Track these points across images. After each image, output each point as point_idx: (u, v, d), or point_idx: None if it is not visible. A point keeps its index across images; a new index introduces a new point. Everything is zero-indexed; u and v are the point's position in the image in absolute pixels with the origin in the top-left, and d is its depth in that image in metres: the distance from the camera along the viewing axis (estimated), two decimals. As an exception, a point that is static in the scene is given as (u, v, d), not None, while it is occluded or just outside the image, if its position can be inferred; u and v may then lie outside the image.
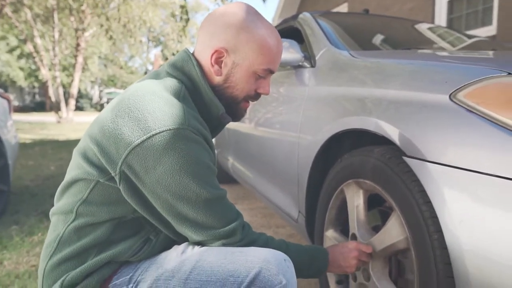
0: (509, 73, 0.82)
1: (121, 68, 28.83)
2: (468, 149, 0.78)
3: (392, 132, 0.98)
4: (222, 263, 0.79)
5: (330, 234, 1.34)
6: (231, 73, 0.93)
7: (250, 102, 1.02)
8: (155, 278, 0.83)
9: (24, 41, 13.97)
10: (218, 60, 0.92)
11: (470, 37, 2.38)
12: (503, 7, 4.10)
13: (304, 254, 0.98)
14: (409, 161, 0.91)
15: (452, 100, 0.86)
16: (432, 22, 5.05)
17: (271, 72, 0.97)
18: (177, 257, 0.85)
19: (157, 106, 0.80)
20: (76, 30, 14.20)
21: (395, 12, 5.68)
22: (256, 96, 1.00)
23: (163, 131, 0.77)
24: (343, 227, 1.33)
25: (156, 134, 0.76)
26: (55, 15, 13.91)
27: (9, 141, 3.00)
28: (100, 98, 35.06)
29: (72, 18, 13.79)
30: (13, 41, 22.26)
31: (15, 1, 10.73)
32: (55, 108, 14.32)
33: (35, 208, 2.93)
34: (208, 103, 0.93)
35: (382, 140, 1.08)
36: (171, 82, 0.88)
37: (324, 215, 1.35)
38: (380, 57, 1.30)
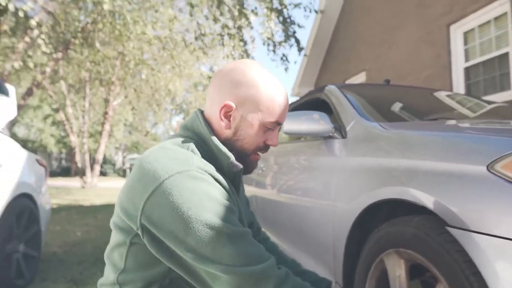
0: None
1: (145, 135, 29.90)
2: (512, 220, 0.80)
3: (431, 202, 1.01)
4: None
5: (370, 306, 1.31)
6: (240, 127, 0.97)
7: (262, 154, 1.04)
8: None
9: (57, 110, 14.82)
10: (227, 115, 0.96)
11: (489, 103, 2.45)
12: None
13: None
14: (452, 231, 0.92)
15: (490, 171, 0.90)
16: (450, 88, 5.19)
17: (279, 124, 1.01)
18: None
19: (164, 155, 0.85)
20: (105, 99, 15.06)
21: (413, 80, 5.87)
22: (265, 147, 1.02)
23: (171, 175, 0.80)
24: (383, 298, 1.31)
25: (165, 179, 0.80)
26: (87, 86, 14.88)
27: (44, 207, 3.10)
28: (123, 163, 35.95)
29: (102, 89, 14.69)
30: (46, 110, 23.76)
31: (53, 74, 11.59)
32: (80, 173, 14.74)
33: (64, 275, 2.93)
34: (217, 153, 0.94)
35: (418, 210, 1.10)
36: (181, 139, 0.95)
37: (364, 286, 1.33)
38: (411, 129, 1.37)
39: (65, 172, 29.35)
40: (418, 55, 5.83)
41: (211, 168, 0.89)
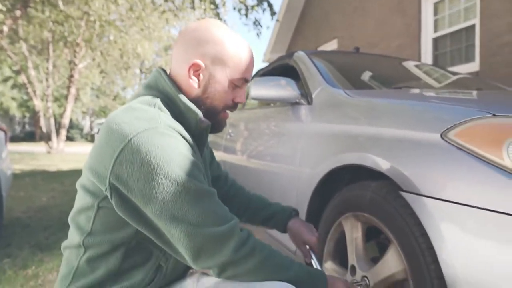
0: (494, 115, 0.90)
1: (114, 99, 28.99)
2: (459, 184, 0.85)
3: (388, 167, 1.05)
4: None
5: (329, 266, 1.37)
6: (209, 84, 0.98)
7: (230, 113, 1.06)
8: None
9: (18, 72, 14.07)
10: (195, 73, 0.97)
11: (454, 74, 2.52)
12: (484, 44, 4.33)
13: (306, 273, 0.95)
14: (405, 195, 0.97)
15: (443, 139, 0.93)
16: (419, 58, 5.27)
17: (246, 81, 1.03)
18: (192, 286, 0.87)
19: (131, 115, 0.85)
20: (70, 62, 14.38)
21: (383, 48, 5.92)
22: (233, 105, 1.04)
23: (139, 133, 0.81)
24: (341, 259, 1.37)
25: (132, 137, 0.80)
26: (50, 47, 14.12)
27: (4, 172, 3.00)
28: (91, 128, 35.02)
29: (66, 50, 13.99)
30: (6, 72, 22.49)
31: (12, 33, 10.89)
32: (46, 138, 14.24)
33: (28, 240, 2.89)
34: (185, 111, 0.95)
35: (378, 175, 1.14)
36: (147, 97, 0.94)
37: (323, 247, 1.39)
38: (375, 96, 1.39)
39: (29, 137, 28.33)
40: (390, 24, 5.85)
41: (178, 126, 0.89)
